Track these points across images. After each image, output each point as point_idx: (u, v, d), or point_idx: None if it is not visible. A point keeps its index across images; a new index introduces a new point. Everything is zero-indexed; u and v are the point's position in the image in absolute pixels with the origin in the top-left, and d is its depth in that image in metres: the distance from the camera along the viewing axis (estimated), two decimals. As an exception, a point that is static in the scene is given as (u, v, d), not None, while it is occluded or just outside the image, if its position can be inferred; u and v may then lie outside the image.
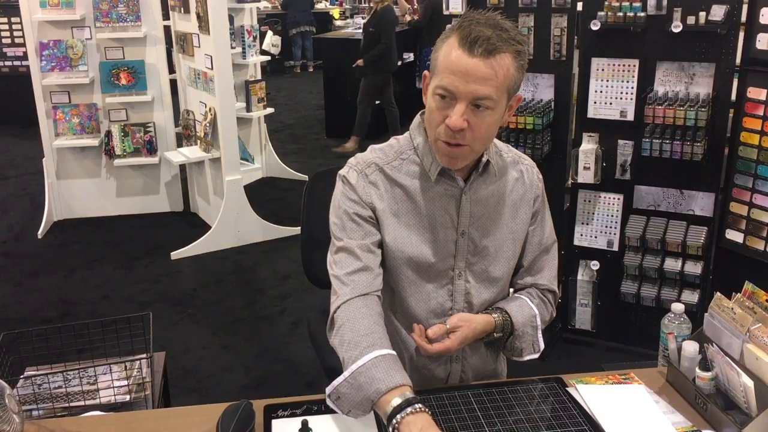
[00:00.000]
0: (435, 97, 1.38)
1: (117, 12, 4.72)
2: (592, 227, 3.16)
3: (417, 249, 1.51)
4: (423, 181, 1.51)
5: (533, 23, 3.01)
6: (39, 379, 1.74)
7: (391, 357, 1.36)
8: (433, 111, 1.40)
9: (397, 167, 1.52)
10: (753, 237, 2.75)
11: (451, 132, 1.37)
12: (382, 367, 1.32)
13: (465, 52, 1.33)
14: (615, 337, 3.23)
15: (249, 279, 4.20)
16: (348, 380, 1.34)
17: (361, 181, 1.51)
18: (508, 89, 1.38)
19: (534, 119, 2.96)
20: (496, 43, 1.33)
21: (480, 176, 1.52)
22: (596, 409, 1.45)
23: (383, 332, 1.42)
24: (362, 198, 1.50)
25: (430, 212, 1.51)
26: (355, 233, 1.49)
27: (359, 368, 1.33)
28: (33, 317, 3.70)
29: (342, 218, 1.51)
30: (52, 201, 4.99)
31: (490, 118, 1.38)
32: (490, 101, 1.35)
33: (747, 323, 1.41)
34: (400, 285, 1.54)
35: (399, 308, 1.57)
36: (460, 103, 1.35)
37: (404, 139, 1.56)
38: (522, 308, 1.59)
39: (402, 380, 1.31)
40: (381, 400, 1.29)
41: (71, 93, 4.82)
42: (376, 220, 1.51)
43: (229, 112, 4.51)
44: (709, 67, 2.77)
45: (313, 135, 7.58)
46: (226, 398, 1.50)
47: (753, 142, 2.69)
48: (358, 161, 1.54)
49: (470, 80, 1.33)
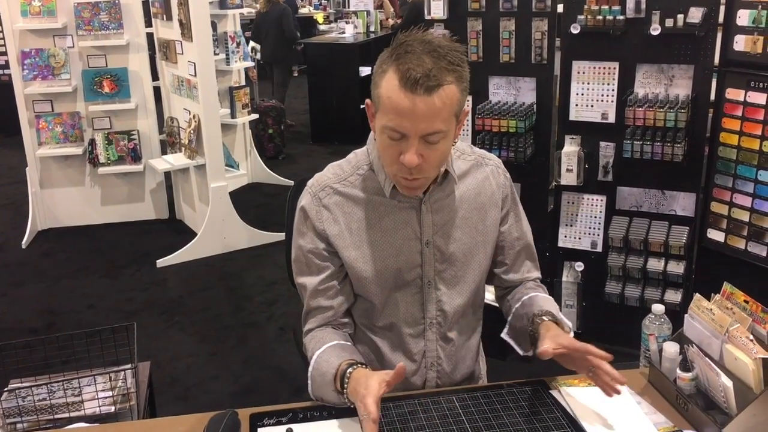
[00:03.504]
0: (383, 135, 1.37)
1: (99, 20, 4.70)
2: (575, 229, 3.18)
3: (381, 264, 1.52)
4: (381, 196, 1.51)
5: (514, 27, 3.03)
6: (23, 392, 1.73)
7: (329, 348, 1.48)
8: (385, 148, 1.39)
9: (353, 183, 1.53)
10: (734, 236, 2.78)
11: (407, 169, 1.36)
12: (323, 361, 1.46)
13: (407, 93, 1.29)
14: (600, 337, 3.24)
15: (235, 286, 4.19)
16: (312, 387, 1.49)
17: (313, 206, 1.52)
18: (456, 115, 1.37)
19: (516, 122, 2.97)
20: (437, 78, 1.29)
21: (439, 185, 1.52)
22: (579, 412, 1.46)
23: (336, 335, 1.54)
24: (315, 226, 1.52)
25: (391, 225, 1.52)
26: (311, 269, 1.55)
27: (312, 373, 1.48)
28: (18, 328, 3.68)
29: (297, 253, 1.57)
30: (36, 210, 4.96)
31: (443, 146, 1.38)
32: (440, 134, 1.35)
33: (726, 324, 1.42)
34: (371, 298, 1.56)
35: (373, 319, 1.59)
36: (411, 140, 1.33)
37: (362, 154, 1.56)
38: (548, 301, 1.61)
39: (338, 360, 1.43)
40: (336, 386, 1.40)
41: (54, 101, 4.80)
42: (331, 246, 1.52)
43: (213, 119, 4.50)
44: (688, 68, 2.80)
45: (299, 140, 7.58)
46: (214, 406, 1.51)
47: (732, 143, 2.72)
48: (313, 183, 1.55)
49: (417, 119, 1.31)
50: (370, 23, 8.32)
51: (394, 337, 1.59)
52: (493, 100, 3.16)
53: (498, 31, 3.05)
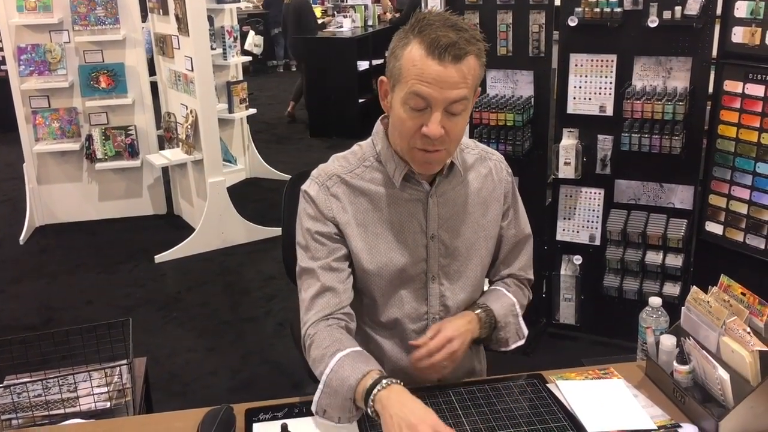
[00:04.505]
0: (405, 106, 1.37)
1: (95, 15, 4.68)
2: (573, 222, 3.17)
3: (386, 257, 1.51)
4: (388, 188, 1.50)
5: (511, 20, 3.01)
6: (18, 388, 1.73)
7: (354, 353, 1.38)
8: (405, 121, 1.38)
9: (360, 175, 1.51)
10: (732, 228, 2.77)
11: (430, 140, 1.36)
12: (347, 365, 1.35)
13: (434, 60, 1.31)
14: (599, 330, 3.25)
15: (234, 281, 4.18)
16: (324, 391, 1.36)
17: (321, 195, 1.49)
18: (475, 89, 1.40)
19: (514, 116, 2.96)
20: (464, 47, 1.32)
21: (446, 178, 1.52)
22: (576, 405, 1.46)
23: (345, 337, 1.44)
24: (324, 213, 1.49)
25: (398, 218, 1.51)
26: (318, 252, 1.49)
27: (329, 375, 1.36)
28: (16, 324, 3.67)
29: (305, 237, 1.51)
30: (34, 206, 4.95)
31: (462, 120, 1.40)
32: (463, 104, 1.36)
33: (723, 316, 1.42)
34: (374, 293, 1.54)
35: (375, 315, 1.57)
36: (435, 111, 1.34)
37: (367, 146, 1.55)
38: (501, 299, 1.61)
39: (367, 367, 1.34)
40: (356, 394, 1.32)
41: (50, 97, 4.78)
42: (340, 233, 1.50)
43: (210, 114, 4.49)
44: (685, 61, 2.79)
45: (297, 135, 7.56)
46: (212, 401, 1.50)
47: (730, 135, 2.71)
48: (319, 173, 1.53)
49: (445, 87, 1.32)
50: (368, 17, 8.31)
51: (397, 333, 1.57)
52: (491, 93, 3.15)
53: (495, 24, 3.04)
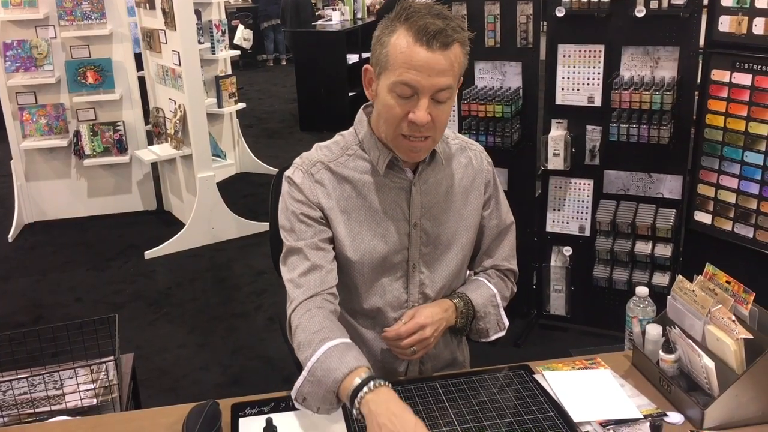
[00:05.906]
0: (392, 93, 1.37)
1: (81, 10, 4.64)
2: (563, 213, 3.17)
3: (369, 244, 1.51)
4: (371, 176, 1.50)
5: (499, 11, 3.00)
6: (3, 386, 1.72)
7: (343, 345, 1.36)
8: (391, 108, 1.38)
9: (344, 163, 1.51)
10: (720, 218, 2.77)
11: (417, 127, 1.37)
12: (335, 356, 1.33)
13: (423, 47, 1.32)
14: (589, 321, 3.26)
15: (224, 276, 4.17)
16: (307, 378, 1.34)
17: (306, 181, 1.49)
18: (459, 77, 1.41)
19: (503, 107, 2.96)
20: (451, 35, 1.33)
21: (428, 166, 1.53)
22: (562, 395, 1.46)
23: (335, 325, 1.42)
24: (309, 198, 1.48)
25: (381, 206, 1.51)
26: (304, 233, 1.48)
27: (314, 364, 1.34)
28: (4, 322, 3.65)
29: (291, 219, 1.49)
30: (22, 203, 4.91)
31: (448, 107, 1.41)
32: (449, 92, 1.37)
33: (708, 305, 1.42)
34: (355, 280, 1.54)
35: (356, 304, 1.57)
36: (423, 98, 1.35)
37: (349, 135, 1.55)
38: (480, 289, 1.62)
39: (356, 363, 1.32)
40: (341, 388, 1.30)
41: (37, 93, 4.74)
42: (325, 218, 1.50)
43: (198, 109, 4.46)
44: (673, 50, 2.79)
45: (287, 129, 7.54)
46: (203, 397, 1.49)
47: (718, 124, 2.71)
48: (303, 161, 1.53)
49: (432, 74, 1.33)
50: (357, 10, 8.27)
51: (378, 321, 1.57)
52: (479, 85, 3.14)
53: (483, 15, 3.03)
